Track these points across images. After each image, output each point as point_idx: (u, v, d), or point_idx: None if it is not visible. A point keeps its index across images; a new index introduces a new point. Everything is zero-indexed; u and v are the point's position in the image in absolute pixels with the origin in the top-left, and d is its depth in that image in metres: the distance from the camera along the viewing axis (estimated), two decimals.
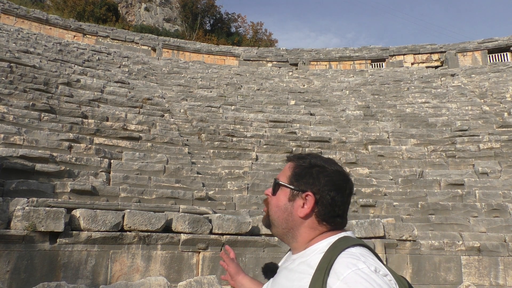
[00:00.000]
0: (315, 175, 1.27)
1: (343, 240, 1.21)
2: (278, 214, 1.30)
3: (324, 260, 1.14)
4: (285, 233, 1.30)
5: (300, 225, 1.27)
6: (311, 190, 1.26)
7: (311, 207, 1.25)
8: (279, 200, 1.30)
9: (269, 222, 1.33)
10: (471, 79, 20.76)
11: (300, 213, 1.26)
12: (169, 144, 11.19)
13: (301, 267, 1.21)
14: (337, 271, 1.09)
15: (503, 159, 11.98)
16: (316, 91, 20.27)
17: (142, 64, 20.85)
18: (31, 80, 12.26)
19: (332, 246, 1.19)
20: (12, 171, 7.55)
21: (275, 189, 1.32)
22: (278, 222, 1.30)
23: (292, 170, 1.31)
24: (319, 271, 1.12)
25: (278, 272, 1.35)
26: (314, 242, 1.26)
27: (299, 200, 1.27)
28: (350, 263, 1.10)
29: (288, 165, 1.34)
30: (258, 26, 43.06)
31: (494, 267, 7.74)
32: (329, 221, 1.26)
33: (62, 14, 28.66)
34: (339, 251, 1.15)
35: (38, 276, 5.65)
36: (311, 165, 1.29)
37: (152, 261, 6.42)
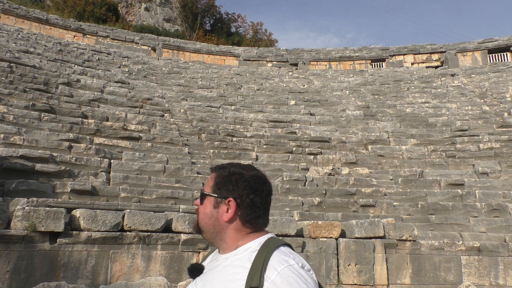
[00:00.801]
0: (234, 182, 1.42)
1: (272, 240, 1.38)
2: (205, 220, 1.43)
3: (259, 257, 1.30)
4: (214, 237, 1.44)
5: (226, 228, 1.41)
6: (232, 195, 1.40)
7: (234, 211, 1.40)
8: (206, 208, 1.44)
9: (199, 228, 1.46)
10: (471, 79, 20.76)
11: (225, 218, 1.40)
12: (169, 144, 11.19)
13: (236, 263, 1.34)
14: (273, 266, 1.26)
15: (503, 159, 11.98)
16: (316, 91, 20.27)
17: (142, 64, 20.85)
18: (31, 80, 12.26)
19: (264, 245, 1.35)
20: (12, 171, 7.55)
21: (202, 199, 1.46)
22: (207, 228, 1.43)
23: (214, 180, 1.46)
24: (256, 266, 1.27)
25: (206, 271, 1.44)
26: (244, 242, 1.40)
27: (223, 206, 1.41)
28: (283, 259, 1.28)
29: (211, 176, 1.49)
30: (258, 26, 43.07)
31: (494, 267, 7.74)
32: (251, 222, 1.41)
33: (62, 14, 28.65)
34: (272, 249, 1.32)
35: (38, 276, 5.65)
36: (230, 173, 1.44)
37: (152, 261, 6.42)
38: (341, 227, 7.48)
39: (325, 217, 8.76)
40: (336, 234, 7.38)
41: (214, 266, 1.42)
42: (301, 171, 11.25)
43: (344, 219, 8.54)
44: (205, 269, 1.46)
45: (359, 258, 7.26)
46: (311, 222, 7.54)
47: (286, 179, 10.50)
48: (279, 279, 1.23)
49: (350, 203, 9.65)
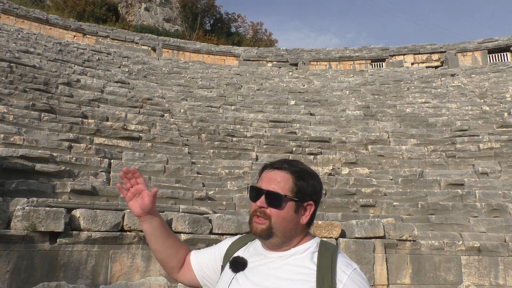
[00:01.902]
0: (311, 184, 1.39)
1: (325, 242, 1.40)
2: (284, 225, 1.35)
3: (324, 259, 1.31)
4: (285, 241, 1.37)
5: (299, 231, 1.39)
6: (311, 199, 1.39)
7: (311, 213, 1.39)
8: (286, 212, 1.35)
9: (271, 233, 1.35)
10: (471, 79, 20.76)
11: (304, 221, 1.38)
12: (169, 144, 11.19)
13: (296, 262, 1.33)
14: (342, 270, 1.30)
15: (503, 159, 11.98)
16: (316, 91, 20.27)
17: (142, 64, 20.85)
18: (31, 80, 12.26)
19: (322, 247, 1.37)
20: (12, 171, 7.55)
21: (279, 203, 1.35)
22: (283, 233, 1.36)
23: (293, 182, 1.37)
24: (324, 268, 1.29)
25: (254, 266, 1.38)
26: (301, 242, 1.39)
27: (301, 209, 1.38)
28: (347, 263, 1.33)
29: (282, 174, 1.38)
30: (258, 26, 43.06)
31: (494, 267, 7.74)
32: (312, 223, 1.42)
33: (62, 14, 28.65)
34: (334, 252, 1.34)
35: (38, 276, 5.65)
36: (306, 174, 1.40)
37: (152, 261, 6.42)
38: (341, 227, 7.48)
39: (325, 217, 8.76)
40: (336, 234, 7.38)
41: (264, 262, 1.37)
42: None
43: (344, 219, 8.54)
44: (250, 263, 1.40)
45: (359, 258, 7.26)
46: None
47: None
48: (350, 283, 1.27)
49: (350, 203, 9.65)
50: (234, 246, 1.53)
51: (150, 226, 1.59)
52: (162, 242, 1.60)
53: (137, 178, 1.57)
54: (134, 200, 1.57)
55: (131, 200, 1.57)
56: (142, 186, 1.56)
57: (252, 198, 1.41)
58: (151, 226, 1.59)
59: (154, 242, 1.60)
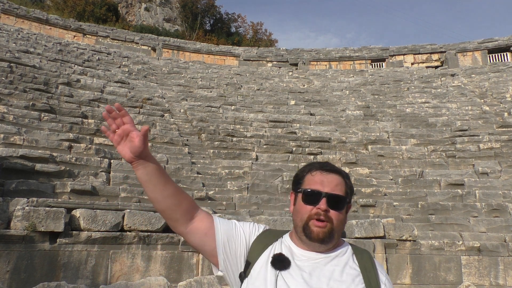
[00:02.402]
0: (351, 186, 1.47)
1: (353, 244, 1.49)
2: (341, 227, 1.42)
3: (364, 260, 1.41)
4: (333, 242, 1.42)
5: None
6: (350, 199, 1.46)
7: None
8: (344, 215, 1.43)
9: (333, 236, 1.38)
10: (471, 79, 20.76)
11: (346, 221, 1.49)
12: (169, 144, 11.19)
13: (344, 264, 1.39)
14: (380, 271, 1.41)
15: (503, 159, 11.98)
16: (316, 91, 20.27)
17: (142, 64, 20.85)
18: (31, 80, 12.26)
19: (354, 247, 1.46)
20: (12, 171, 7.55)
21: (343, 206, 1.41)
22: (339, 234, 1.42)
23: (347, 186, 1.44)
24: (368, 270, 1.38)
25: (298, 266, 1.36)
26: (339, 243, 1.44)
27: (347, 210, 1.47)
28: (379, 264, 1.44)
29: (339, 179, 1.43)
30: (258, 26, 43.05)
31: (494, 267, 7.74)
32: None
33: (62, 14, 28.65)
34: (369, 253, 1.45)
35: (38, 276, 5.65)
36: (349, 177, 1.48)
37: (152, 261, 6.42)
38: None
39: None
40: None
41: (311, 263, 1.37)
42: None
43: None
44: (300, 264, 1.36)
45: None
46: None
47: (286, 179, 10.50)
48: (388, 283, 1.40)
49: None
50: (262, 240, 1.45)
51: (145, 172, 1.39)
52: (160, 190, 1.40)
53: (123, 117, 1.36)
54: (122, 143, 1.37)
55: (119, 144, 1.38)
56: (129, 126, 1.36)
57: (309, 202, 1.39)
58: (146, 173, 1.39)
59: (151, 191, 1.41)
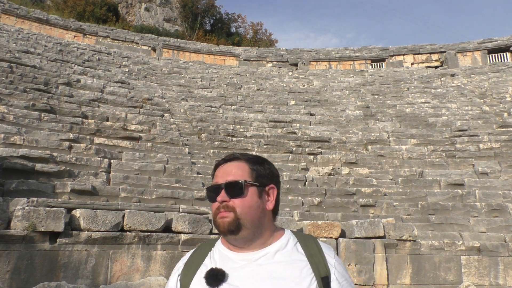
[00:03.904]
0: (267, 167, 1.37)
1: (298, 233, 1.40)
2: (252, 214, 1.27)
3: (309, 247, 1.32)
4: (255, 232, 1.29)
5: (266, 220, 1.33)
6: (272, 182, 1.36)
7: (275, 198, 1.36)
8: (251, 199, 1.29)
9: (239, 225, 1.26)
10: (471, 79, 20.76)
11: (270, 206, 1.34)
12: (169, 144, 11.19)
13: (288, 257, 1.28)
14: (328, 254, 1.32)
15: (503, 159, 11.98)
16: (316, 91, 20.27)
17: (142, 64, 20.85)
18: (31, 80, 12.26)
19: (298, 237, 1.36)
20: (12, 171, 7.55)
21: (241, 190, 1.28)
22: (252, 223, 1.27)
23: (250, 168, 1.34)
24: (314, 257, 1.29)
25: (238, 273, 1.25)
26: (277, 237, 1.34)
27: (264, 194, 1.34)
28: (327, 246, 1.36)
29: (238, 164, 1.33)
30: (258, 26, 43.05)
31: (494, 267, 7.74)
32: (277, 212, 1.40)
33: (62, 14, 28.65)
34: (314, 239, 1.36)
35: (38, 276, 5.65)
36: (260, 160, 1.38)
37: (152, 261, 6.42)
38: (341, 227, 7.48)
39: (325, 217, 8.76)
40: (336, 234, 7.38)
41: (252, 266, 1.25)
42: (301, 171, 11.25)
43: (344, 219, 8.55)
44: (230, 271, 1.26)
45: (359, 258, 7.26)
46: (311, 222, 7.54)
47: (286, 179, 10.50)
48: (338, 265, 1.31)
49: (350, 203, 9.65)
50: (192, 262, 1.37)
51: None
52: None
53: None
54: None
55: None
56: None
57: (211, 199, 1.31)
58: None
59: None
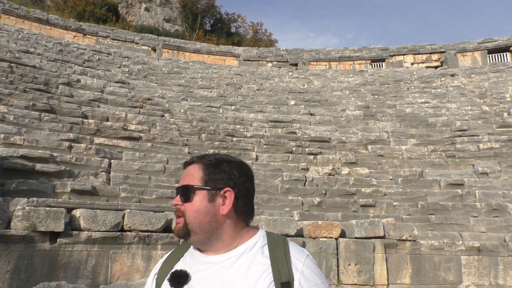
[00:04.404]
0: (227, 169, 1.29)
1: (272, 234, 1.32)
2: (200, 219, 1.25)
3: (277, 250, 1.24)
4: (209, 237, 1.26)
5: (223, 223, 1.27)
6: (228, 185, 1.27)
7: (232, 202, 1.27)
8: (199, 204, 1.26)
9: (188, 231, 1.25)
10: (470, 79, 20.77)
11: (224, 211, 1.26)
12: (169, 144, 11.20)
13: (250, 261, 1.23)
14: (296, 258, 1.24)
15: (503, 159, 11.98)
16: (316, 91, 20.27)
17: (142, 64, 20.85)
18: (31, 80, 12.26)
19: (269, 238, 1.28)
20: (12, 171, 7.56)
21: (188, 195, 1.27)
22: (201, 228, 1.25)
23: (203, 171, 1.29)
24: (278, 261, 1.22)
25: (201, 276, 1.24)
26: (245, 238, 1.28)
27: (219, 198, 1.27)
28: (300, 250, 1.27)
29: (193, 167, 1.31)
30: (258, 26, 43.07)
31: (494, 267, 7.74)
32: (245, 214, 1.30)
33: (62, 14, 28.66)
34: (284, 241, 1.27)
35: (38, 276, 5.66)
36: (218, 161, 1.30)
37: (152, 261, 6.42)
38: (341, 227, 7.48)
39: (325, 217, 8.76)
40: (336, 234, 7.38)
41: (215, 269, 1.24)
42: (301, 171, 11.25)
43: (344, 219, 8.55)
44: (194, 274, 1.25)
45: (359, 258, 7.26)
46: (311, 222, 7.54)
47: (286, 179, 10.50)
48: (306, 270, 1.22)
49: (350, 203, 9.65)
50: (168, 262, 1.36)
51: None
52: None
53: None
54: None
55: None
56: None
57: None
58: None
59: None
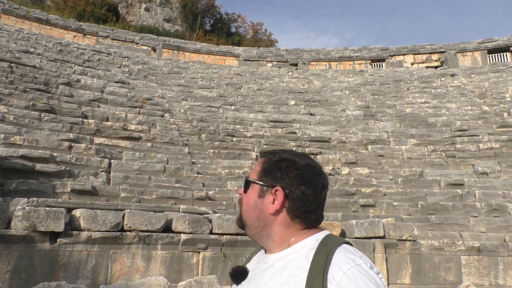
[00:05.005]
0: (283, 169, 1.24)
1: (331, 237, 1.20)
2: (249, 212, 1.25)
3: (320, 255, 1.12)
4: (259, 233, 1.25)
5: (272, 222, 1.23)
6: (280, 184, 1.22)
7: (281, 202, 1.22)
8: (250, 198, 1.26)
9: (242, 222, 1.27)
10: (470, 79, 20.76)
11: (271, 210, 1.22)
12: (169, 144, 11.20)
13: (292, 264, 1.16)
14: (337, 265, 1.08)
15: (503, 159, 11.98)
16: (316, 91, 20.27)
17: (142, 64, 20.85)
18: (31, 80, 12.26)
19: (322, 242, 1.17)
20: (12, 171, 7.56)
21: (246, 187, 1.28)
22: (251, 221, 1.25)
23: (261, 166, 1.27)
24: (316, 266, 1.10)
25: (253, 274, 1.26)
26: (298, 239, 1.22)
27: (269, 196, 1.23)
28: (349, 258, 1.10)
29: (259, 161, 1.31)
30: (258, 26, 43.08)
31: (494, 267, 7.74)
32: (302, 217, 1.23)
33: (62, 14, 28.66)
34: (334, 246, 1.14)
35: (38, 276, 5.66)
36: (280, 159, 1.26)
37: (152, 261, 6.42)
38: (341, 227, 7.48)
39: (325, 217, 8.75)
40: (336, 234, 7.38)
41: (263, 268, 1.23)
42: None
43: (344, 219, 8.55)
44: (251, 272, 1.27)
45: None
46: None
47: None
48: (345, 280, 1.06)
49: (350, 203, 9.65)
50: (248, 259, 1.38)
51: None
52: None
53: None
54: None
55: None
56: None
57: None
58: None
59: None
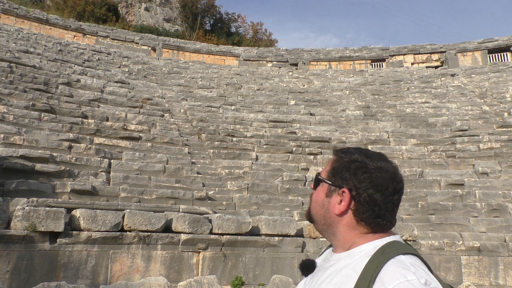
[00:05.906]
0: (352, 170, 1.20)
1: (392, 246, 1.13)
2: (316, 209, 1.27)
3: (370, 266, 1.07)
4: (325, 229, 1.26)
5: (338, 223, 1.22)
6: (347, 186, 1.19)
7: (347, 204, 1.19)
8: (318, 195, 1.27)
9: (310, 216, 1.30)
10: (471, 79, 20.76)
11: (336, 210, 1.20)
12: (169, 144, 11.19)
13: (344, 271, 1.13)
14: (383, 281, 1.02)
15: (503, 159, 11.98)
16: (316, 91, 20.27)
17: (142, 64, 20.84)
18: (31, 80, 12.25)
19: (379, 250, 1.11)
20: (12, 171, 7.55)
21: (316, 184, 1.29)
22: (317, 218, 1.27)
23: (332, 165, 1.26)
24: (364, 278, 1.05)
25: (317, 270, 1.28)
26: (359, 243, 1.18)
27: (336, 196, 1.21)
28: (398, 272, 1.02)
29: (331, 159, 1.30)
30: (258, 26, 43.05)
31: (494, 267, 7.74)
32: (368, 222, 1.18)
33: (62, 14, 28.65)
34: (387, 258, 1.07)
35: (38, 276, 5.65)
36: (351, 160, 1.22)
37: (152, 261, 6.42)
38: None
39: None
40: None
41: (325, 266, 1.24)
42: (301, 171, 11.25)
43: None
44: (318, 267, 1.29)
45: None
46: None
47: (286, 179, 10.50)
48: None
49: None
50: (324, 250, 1.40)
51: None
52: None
53: None
54: None
55: None
56: None
57: None
58: None
59: None
